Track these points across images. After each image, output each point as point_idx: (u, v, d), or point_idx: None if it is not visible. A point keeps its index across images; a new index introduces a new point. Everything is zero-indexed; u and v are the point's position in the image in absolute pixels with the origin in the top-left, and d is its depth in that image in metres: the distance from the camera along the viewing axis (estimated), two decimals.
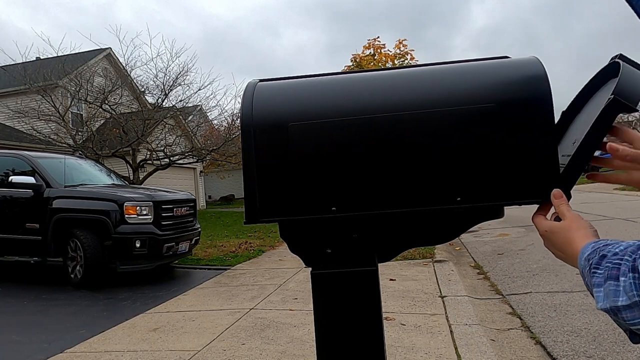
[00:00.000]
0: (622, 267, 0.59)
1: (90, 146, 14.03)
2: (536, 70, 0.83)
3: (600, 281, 0.62)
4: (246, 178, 0.89)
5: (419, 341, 3.54)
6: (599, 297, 0.62)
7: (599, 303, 0.62)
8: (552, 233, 0.82)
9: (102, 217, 6.19)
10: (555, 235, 0.82)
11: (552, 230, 0.82)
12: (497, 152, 0.82)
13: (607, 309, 0.60)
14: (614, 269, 0.60)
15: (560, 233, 0.81)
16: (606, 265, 0.62)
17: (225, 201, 28.33)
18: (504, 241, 8.42)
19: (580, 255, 0.72)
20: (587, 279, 0.68)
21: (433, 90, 0.87)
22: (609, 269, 0.61)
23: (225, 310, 4.74)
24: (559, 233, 0.81)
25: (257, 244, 9.51)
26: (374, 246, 0.91)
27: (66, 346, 3.86)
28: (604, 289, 0.61)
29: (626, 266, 0.58)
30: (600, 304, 0.61)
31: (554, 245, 0.82)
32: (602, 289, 0.61)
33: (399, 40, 24.51)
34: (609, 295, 0.59)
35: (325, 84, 0.95)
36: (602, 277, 0.62)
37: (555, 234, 0.81)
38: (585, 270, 0.68)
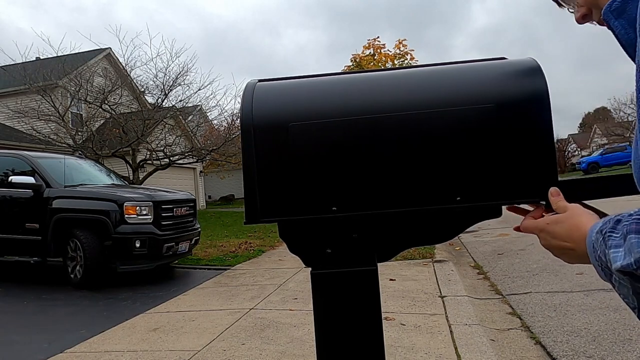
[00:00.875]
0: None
1: (90, 146, 14.03)
2: (533, 71, 0.83)
3: (619, 241, 0.61)
4: (246, 178, 0.89)
5: (419, 341, 3.54)
6: (618, 257, 0.61)
7: (617, 262, 0.61)
8: (557, 223, 0.79)
9: (102, 217, 6.19)
10: (560, 224, 0.79)
11: (556, 221, 0.80)
12: (496, 152, 0.83)
13: (630, 263, 0.59)
14: (632, 224, 0.60)
15: (565, 222, 0.78)
16: (624, 224, 0.62)
17: (225, 201, 28.33)
18: (504, 241, 8.42)
19: (589, 232, 0.71)
20: (599, 250, 0.66)
21: (432, 90, 0.87)
22: (627, 225, 0.61)
23: (225, 310, 4.74)
24: (564, 222, 0.79)
25: (257, 244, 9.51)
26: (374, 246, 0.91)
27: (66, 346, 3.86)
28: (624, 246, 0.60)
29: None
30: (620, 262, 0.60)
31: (557, 236, 0.79)
32: (621, 248, 0.61)
33: (399, 40, 24.50)
34: (632, 248, 0.58)
35: (325, 84, 0.95)
36: (621, 235, 0.61)
37: (560, 224, 0.79)
38: (598, 242, 0.66)
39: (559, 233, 0.79)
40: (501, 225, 9.82)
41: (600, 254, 0.66)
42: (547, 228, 0.81)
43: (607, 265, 0.64)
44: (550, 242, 0.81)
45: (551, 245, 0.81)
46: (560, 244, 0.79)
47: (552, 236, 0.80)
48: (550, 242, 0.81)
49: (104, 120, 15.87)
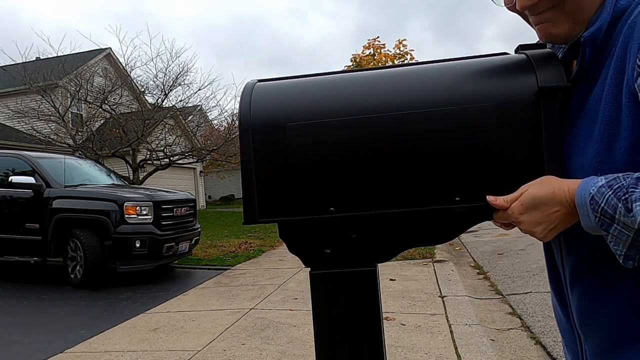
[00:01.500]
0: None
1: (90, 146, 14.03)
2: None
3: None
4: (244, 179, 0.89)
5: (419, 341, 3.53)
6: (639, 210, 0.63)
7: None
8: (538, 184, 0.77)
9: (102, 217, 6.19)
10: (541, 184, 0.77)
11: (535, 184, 0.77)
12: (496, 152, 0.82)
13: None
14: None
15: (537, 196, 0.76)
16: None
17: (225, 201, 28.33)
18: (504, 241, 8.41)
19: (584, 185, 0.71)
20: (604, 202, 0.67)
21: (431, 89, 0.86)
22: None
23: (225, 310, 4.74)
24: (537, 196, 0.76)
25: (257, 244, 9.51)
26: (373, 246, 0.91)
27: (66, 346, 3.86)
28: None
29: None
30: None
31: (541, 207, 0.75)
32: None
33: (399, 40, 24.52)
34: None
35: (323, 84, 0.94)
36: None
37: (536, 198, 0.76)
38: (605, 195, 0.68)
39: (543, 205, 0.76)
40: None
41: (605, 205, 0.67)
42: (523, 209, 0.78)
43: (613, 216, 0.67)
44: (538, 218, 0.76)
45: (540, 221, 0.76)
46: (551, 214, 0.76)
47: (537, 211, 0.76)
48: (538, 218, 0.76)
49: (104, 120, 15.86)
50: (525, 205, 0.77)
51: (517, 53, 0.89)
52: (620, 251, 0.68)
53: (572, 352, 0.89)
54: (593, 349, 0.81)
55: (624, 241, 0.67)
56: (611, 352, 0.77)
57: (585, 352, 0.84)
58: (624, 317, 0.75)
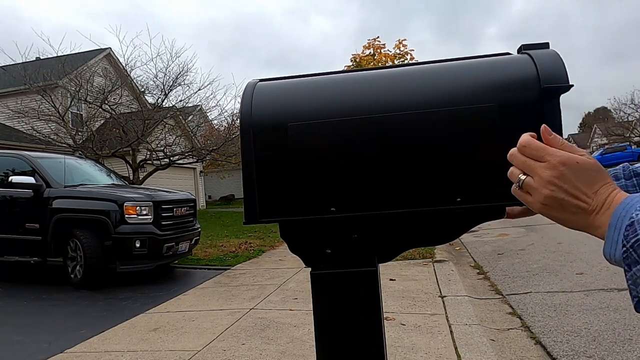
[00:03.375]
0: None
1: (90, 146, 14.03)
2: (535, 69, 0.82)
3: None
4: (245, 178, 0.89)
5: (419, 341, 3.53)
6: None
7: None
8: (589, 167, 0.60)
9: (102, 217, 6.19)
10: (586, 171, 0.60)
11: (588, 165, 0.60)
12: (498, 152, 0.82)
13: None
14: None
15: (593, 170, 0.61)
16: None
17: (225, 201, 28.33)
18: (504, 241, 8.41)
19: (623, 208, 0.56)
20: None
21: (433, 89, 0.86)
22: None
23: (225, 310, 4.73)
24: (593, 170, 0.60)
25: (257, 244, 9.51)
26: (374, 246, 0.91)
27: (66, 346, 3.86)
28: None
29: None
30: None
31: (578, 183, 0.60)
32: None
33: (399, 40, 24.56)
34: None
35: (324, 84, 0.94)
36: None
37: (590, 170, 0.60)
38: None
39: (585, 180, 0.60)
40: (501, 225, 9.82)
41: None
42: (574, 165, 0.61)
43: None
44: (567, 184, 0.60)
45: (565, 189, 0.60)
46: (580, 194, 0.60)
47: (576, 178, 0.60)
48: (567, 184, 0.60)
49: (104, 120, 15.87)
50: (579, 164, 0.61)
51: (519, 53, 0.89)
52: (637, 293, 0.55)
53: None
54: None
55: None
56: None
57: None
58: None
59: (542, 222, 8.55)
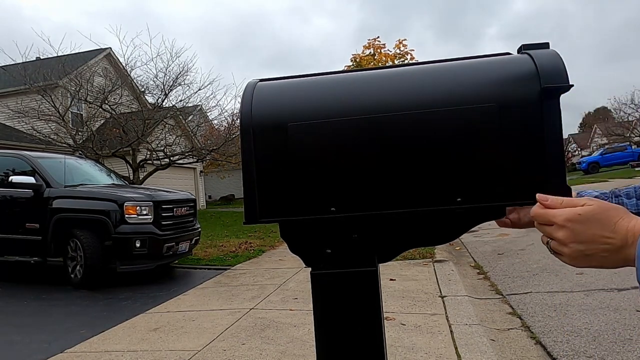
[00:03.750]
0: None
1: (90, 146, 14.03)
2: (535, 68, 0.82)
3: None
4: (245, 178, 0.89)
5: (419, 341, 3.53)
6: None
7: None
8: (592, 214, 0.66)
9: (102, 217, 6.19)
10: (597, 215, 0.66)
11: (591, 212, 0.66)
12: (498, 152, 0.82)
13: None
14: None
15: (602, 213, 0.66)
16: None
17: (225, 201, 28.32)
18: (504, 241, 8.41)
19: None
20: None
21: (433, 89, 0.86)
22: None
23: (225, 310, 4.73)
24: (602, 213, 0.66)
25: (257, 244, 9.51)
26: (374, 246, 0.91)
27: (66, 346, 3.86)
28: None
29: None
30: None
31: (594, 229, 0.66)
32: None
33: (399, 40, 24.54)
34: None
35: (324, 84, 0.94)
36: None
37: (598, 215, 0.66)
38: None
39: (597, 225, 0.66)
40: None
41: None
42: (578, 218, 0.67)
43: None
44: (582, 236, 0.66)
45: (582, 240, 0.66)
46: (599, 238, 0.65)
47: (587, 228, 0.66)
48: (582, 236, 0.66)
49: (104, 120, 15.87)
50: (582, 215, 0.67)
51: (519, 53, 0.89)
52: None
53: None
54: None
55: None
56: None
57: None
58: None
59: None
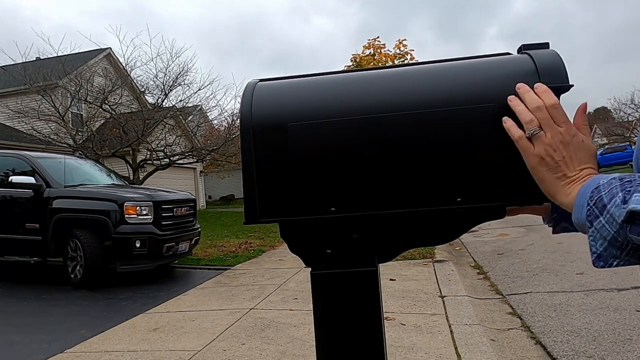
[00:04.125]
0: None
1: (90, 146, 14.03)
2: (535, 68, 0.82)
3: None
4: (245, 178, 0.89)
5: (419, 341, 3.53)
6: (637, 200, 0.58)
7: (638, 205, 0.57)
8: (589, 148, 0.71)
9: (102, 217, 6.19)
10: (586, 144, 0.71)
11: (589, 146, 0.71)
12: (498, 152, 0.82)
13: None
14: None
15: (590, 148, 0.71)
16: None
17: (225, 201, 28.33)
18: (504, 241, 8.41)
19: (592, 181, 0.67)
20: (609, 194, 0.61)
21: (433, 89, 0.86)
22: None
23: (225, 310, 4.73)
24: (591, 147, 0.71)
25: (257, 244, 9.51)
26: (374, 246, 0.91)
27: (66, 346, 3.86)
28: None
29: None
30: (635, 205, 0.57)
31: (576, 151, 0.70)
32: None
33: (399, 40, 24.57)
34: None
35: (325, 84, 0.94)
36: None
37: (589, 151, 0.71)
38: (609, 185, 0.63)
39: (579, 154, 0.71)
40: (501, 225, 9.82)
41: (605, 194, 0.62)
42: (577, 140, 0.71)
43: (606, 205, 0.61)
44: (564, 152, 0.71)
45: (561, 154, 0.71)
46: (568, 162, 0.71)
47: (574, 151, 0.71)
48: (564, 152, 0.71)
49: (104, 120, 15.87)
50: (584, 143, 0.71)
51: (519, 53, 0.89)
52: (596, 249, 0.63)
53: None
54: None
55: (603, 238, 0.62)
56: None
57: None
58: None
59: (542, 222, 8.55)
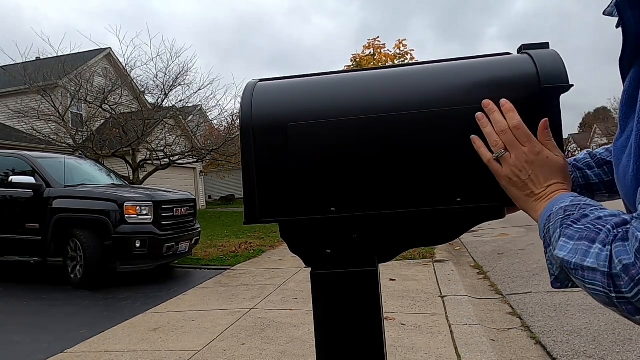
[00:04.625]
0: (601, 234, 0.57)
1: (90, 146, 14.03)
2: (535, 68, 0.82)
3: (573, 235, 0.60)
4: (245, 178, 0.89)
5: (419, 341, 3.53)
6: (564, 248, 0.60)
7: (562, 252, 0.60)
8: (550, 160, 0.73)
9: (102, 217, 6.19)
10: (551, 165, 0.73)
11: (555, 161, 0.74)
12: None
13: (569, 262, 0.59)
14: (593, 232, 0.58)
15: (558, 167, 0.73)
16: (587, 225, 0.60)
17: (225, 201, 28.33)
18: (504, 241, 8.41)
19: (554, 202, 0.69)
20: (553, 227, 0.64)
21: (433, 89, 0.86)
22: (588, 230, 0.59)
23: (225, 310, 4.74)
24: (558, 167, 0.73)
25: (257, 244, 9.51)
26: (374, 246, 0.91)
27: (66, 346, 3.86)
28: (574, 244, 0.59)
29: (605, 235, 0.57)
30: (564, 254, 0.60)
31: (540, 172, 0.73)
32: (572, 242, 0.60)
33: (399, 40, 24.53)
34: (577, 252, 0.58)
35: (324, 84, 0.94)
36: (578, 233, 0.60)
37: (552, 166, 0.73)
38: (556, 218, 0.65)
39: (545, 171, 0.73)
40: (501, 225, 9.82)
41: (551, 226, 0.65)
42: (542, 157, 0.74)
43: (551, 239, 0.65)
44: (529, 171, 0.73)
45: (526, 173, 0.74)
46: (535, 179, 0.73)
47: (539, 168, 0.73)
48: (529, 171, 0.73)
49: (104, 120, 15.87)
50: (549, 159, 0.73)
51: (519, 53, 0.89)
52: (553, 272, 0.68)
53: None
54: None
55: (555, 265, 0.66)
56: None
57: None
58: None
59: None
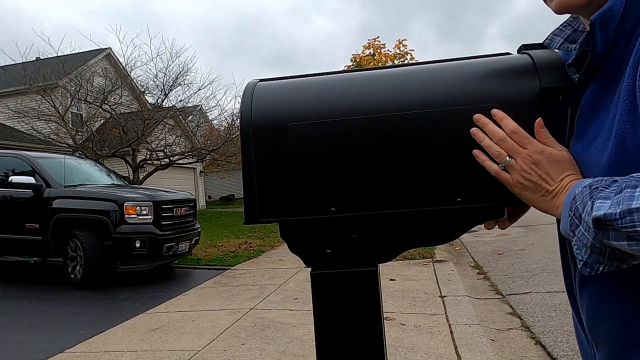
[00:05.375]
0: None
1: (90, 146, 14.02)
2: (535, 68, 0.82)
3: (609, 195, 0.60)
4: (245, 178, 0.89)
5: (419, 341, 3.53)
6: (603, 206, 0.59)
7: (601, 210, 0.59)
8: (557, 157, 0.73)
9: (102, 217, 6.19)
10: (559, 161, 0.73)
11: (557, 155, 0.74)
12: None
13: (613, 213, 0.57)
14: (632, 182, 0.58)
15: (565, 162, 0.73)
16: (621, 183, 0.60)
17: (225, 201, 28.32)
18: (504, 241, 8.41)
19: (574, 187, 0.68)
20: (580, 200, 0.64)
21: (433, 89, 0.86)
22: (626, 183, 0.59)
23: (225, 310, 4.74)
24: (565, 162, 0.73)
25: (257, 244, 9.51)
26: (374, 246, 0.91)
27: (66, 346, 3.86)
28: (613, 199, 0.59)
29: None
30: (604, 210, 0.59)
31: (549, 169, 0.73)
32: (609, 200, 0.59)
33: (399, 40, 24.52)
34: (620, 203, 0.57)
35: (324, 84, 0.94)
36: (614, 191, 0.60)
37: (560, 161, 0.73)
38: (582, 194, 0.64)
39: (553, 167, 0.73)
40: None
41: (580, 204, 0.64)
42: (546, 155, 0.74)
43: (581, 215, 0.63)
44: (538, 171, 0.74)
45: (536, 174, 0.74)
46: (546, 178, 0.73)
47: (547, 166, 0.73)
48: (538, 171, 0.74)
49: (104, 120, 15.86)
50: (553, 155, 0.74)
51: (519, 53, 0.89)
52: (582, 257, 0.65)
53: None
54: (601, 358, 0.75)
55: (585, 245, 0.64)
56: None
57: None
58: (631, 323, 0.68)
59: (542, 222, 8.56)
